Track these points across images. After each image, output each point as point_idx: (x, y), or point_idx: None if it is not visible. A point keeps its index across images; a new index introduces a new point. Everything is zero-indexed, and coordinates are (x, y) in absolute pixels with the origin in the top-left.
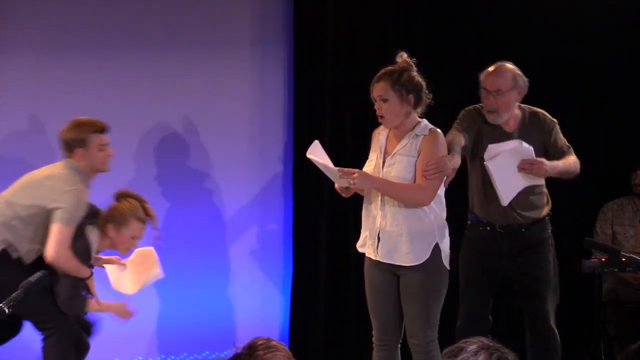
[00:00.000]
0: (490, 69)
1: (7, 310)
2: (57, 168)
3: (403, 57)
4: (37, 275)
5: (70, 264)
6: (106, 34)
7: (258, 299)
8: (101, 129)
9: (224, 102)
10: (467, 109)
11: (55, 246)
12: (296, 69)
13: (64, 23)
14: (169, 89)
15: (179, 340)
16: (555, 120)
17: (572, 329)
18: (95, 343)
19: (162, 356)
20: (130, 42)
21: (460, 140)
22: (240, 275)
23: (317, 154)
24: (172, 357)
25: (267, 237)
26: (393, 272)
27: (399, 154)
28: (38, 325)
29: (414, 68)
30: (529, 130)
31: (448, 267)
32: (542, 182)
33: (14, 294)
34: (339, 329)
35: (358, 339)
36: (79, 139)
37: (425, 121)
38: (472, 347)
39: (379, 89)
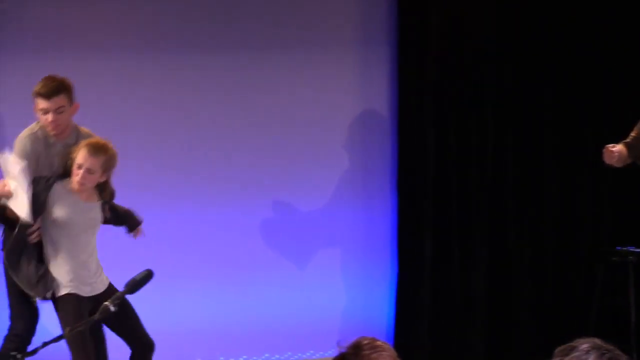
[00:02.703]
0: None
1: (112, 308)
2: None
3: None
4: (142, 273)
5: None
6: (208, 33)
7: (363, 299)
8: (42, 94)
9: (327, 102)
10: None
11: None
12: (400, 68)
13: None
14: (271, 90)
15: (284, 339)
16: None
17: None
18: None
19: (267, 354)
20: (230, 42)
21: None
22: (345, 276)
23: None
24: (277, 357)
25: (372, 238)
26: None
27: None
28: None
29: None
30: None
31: None
32: None
33: (119, 292)
34: (444, 330)
35: (463, 338)
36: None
37: None
38: (584, 347)
39: None
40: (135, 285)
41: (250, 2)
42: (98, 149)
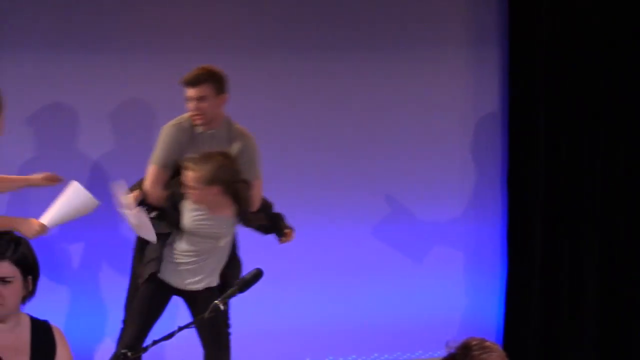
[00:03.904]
0: None
1: (222, 307)
2: None
3: None
4: (252, 272)
5: None
6: (320, 35)
7: (472, 299)
8: (185, 82)
9: (437, 103)
10: None
11: None
12: (511, 68)
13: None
14: (381, 91)
15: (393, 339)
16: None
17: None
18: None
19: (376, 354)
20: (343, 42)
21: None
22: (454, 276)
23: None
24: (386, 356)
25: (481, 239)
26: None
27: None
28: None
29: None
30: None
31: None
32: None
33: (229, 291)
34: (554, 331)
35: (573, 341)
36: None
37: None
38: None
39: None
40: (245, 284)
41: (362, 2)
42: (194, 165)
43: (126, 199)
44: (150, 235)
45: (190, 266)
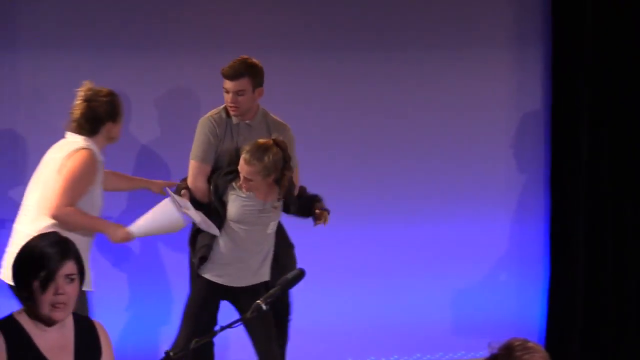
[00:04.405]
0: None
1: (264, 307)
2: None
3: None
4: (294, 272)
5: None
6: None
7: (515, 300)
8: (224, 74)
9: (479, 103)
10: None
11: None
12: (554, 70)
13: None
14: (422, 92)
15: (436, 339)
16: None
17: None
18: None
19: (418, 354)
20: (384, 43)
21: None
22: (496, 277)
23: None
24: (428, 357)
25: (524, 239)
26: None
27: None
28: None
29: None
30: None
31: None
32: None
33: (271, 290)
34: (597, 333)
35: (616, 342)
36: None
37: None
38: None
39: None
40: (287, 284)
41: (405, 5)
42: (251, 158)
43: (183, 200)
44: (214, 229)
45: (240, 262)
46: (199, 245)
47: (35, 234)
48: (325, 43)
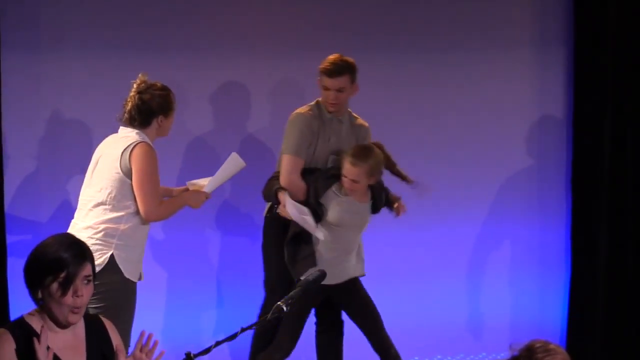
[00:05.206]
0: None
1: (285, 309)
2: None
3: None
4: (315, 273)
5: None
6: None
7: (536, 301)
8: (326, 72)
9: (501, 105)
10: None
11: None
12: (576, 72)
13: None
14: (444, 93)
15: (455, 341)
16: None
17: None
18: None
19: (439, 356)
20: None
21: None
22: (517, 278)
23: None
24: (449, 358)
25: (545, 240)
26: None
27: None
28: None
29: None
30: None
31: None
32: None
33: (292, 292)
34: (618, 334)
35: (637, 344)
36: None
37: None
38: None
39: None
40: (307, 285)
41: (424, 5)
42: (357, 160)
43: (302, 207)
44: (319, 233)
45: (343, 262)
46: (301, 257)
47: (89, 228)
48: (343, 45)
